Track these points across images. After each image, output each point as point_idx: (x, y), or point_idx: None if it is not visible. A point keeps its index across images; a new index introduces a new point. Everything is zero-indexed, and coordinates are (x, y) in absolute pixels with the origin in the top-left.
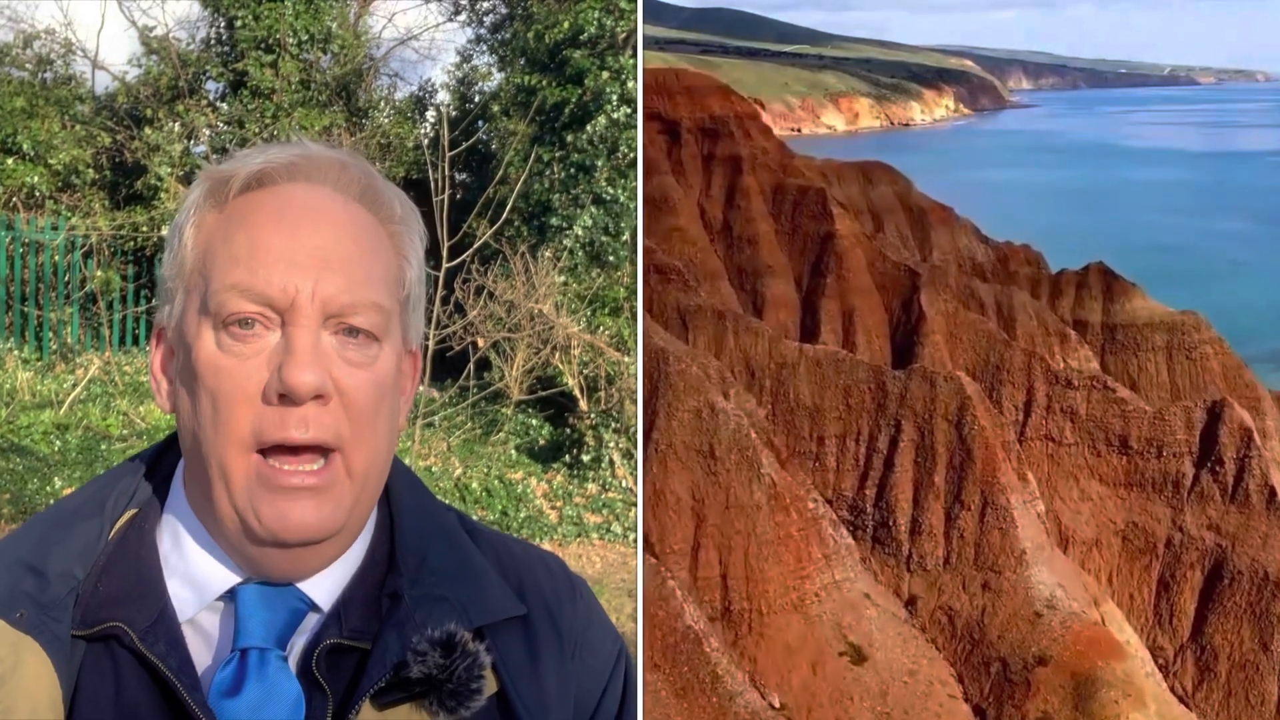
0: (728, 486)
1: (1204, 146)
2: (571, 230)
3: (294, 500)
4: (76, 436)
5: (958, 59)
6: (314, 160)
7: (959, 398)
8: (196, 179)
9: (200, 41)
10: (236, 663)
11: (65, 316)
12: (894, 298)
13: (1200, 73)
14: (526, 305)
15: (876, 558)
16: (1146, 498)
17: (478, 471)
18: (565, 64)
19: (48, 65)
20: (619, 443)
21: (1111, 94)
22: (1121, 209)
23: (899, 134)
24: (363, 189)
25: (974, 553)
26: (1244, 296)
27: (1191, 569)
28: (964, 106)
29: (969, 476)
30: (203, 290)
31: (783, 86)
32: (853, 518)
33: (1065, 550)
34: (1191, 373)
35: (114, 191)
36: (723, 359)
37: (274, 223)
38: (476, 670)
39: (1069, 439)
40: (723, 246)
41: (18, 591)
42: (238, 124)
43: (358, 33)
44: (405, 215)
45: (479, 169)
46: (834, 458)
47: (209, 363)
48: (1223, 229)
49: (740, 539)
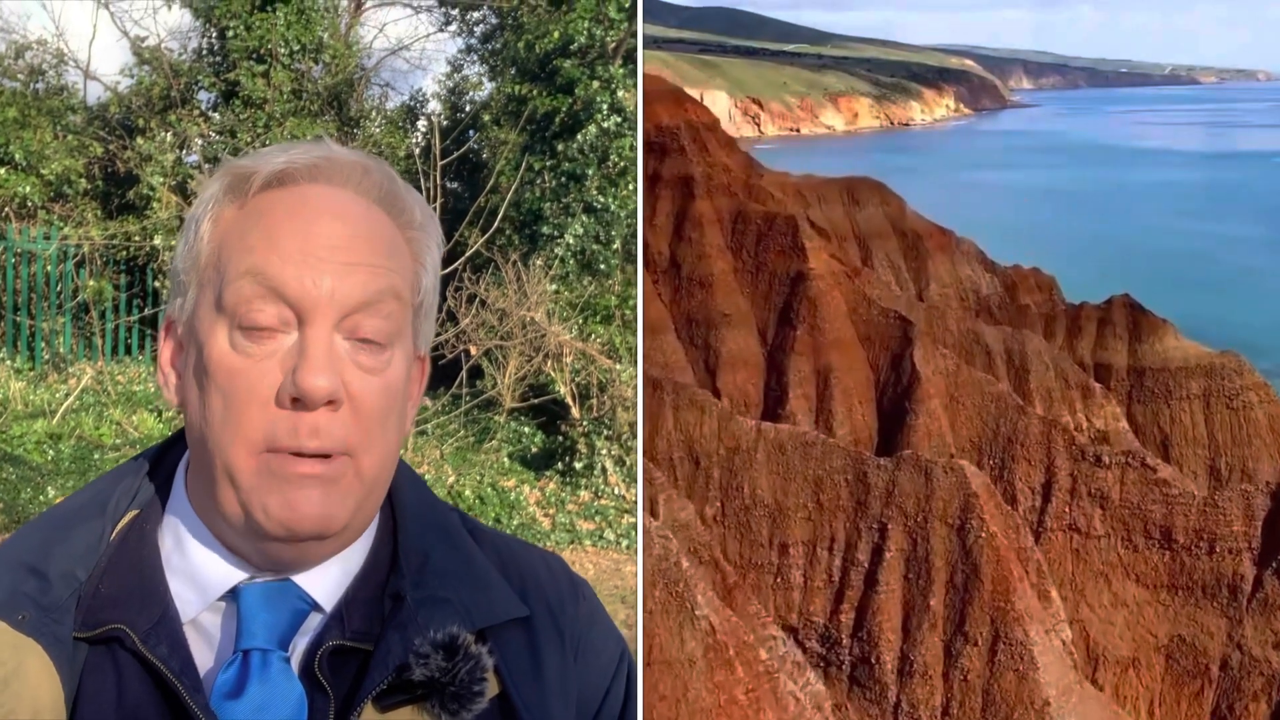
0: (650, 635)
1: (1210, 147)
2: (563, 239)
3: (301, 489)
4: (69, 446)
5: (959, 58)
6: (336, 162)
7: (962, 494)
8: (216, 171)
9: (192, 52)
10: (239, 664)
11: (58, 326)
12: (881, 352)
13: (1201, 72)
14: (518, 313)
15: (854, 704)
16: (1196, 605)
17: (471, 479)
18: (556, 73)
19: (40, 75)
20: (611, 450)
21: (1113, 93)
22: (1127, 213)
23: (899, 134)
24: (383, 193)
25: (981, 701)
26: (1255, 306)
27: (1255, 699)
28: (965, 106)
29: (975, 600)
30: (217, 285)
31: (781, 86)
32: (824, 650)
33: (1094, 673)
34: (1233, 425)
35: (106, 201)
36: (657, 444)
37: (292, 221)
38: (479, 672)
39: (1098, 530)
40: (668, 289)
41: (19, 593)
42: (230, 134)
43: (349, 43)
44: (424, 221)
45: (470, 178)
46: (800, 572)
47: (221, 362)
48: (1232, 234)
49: (666, 708)
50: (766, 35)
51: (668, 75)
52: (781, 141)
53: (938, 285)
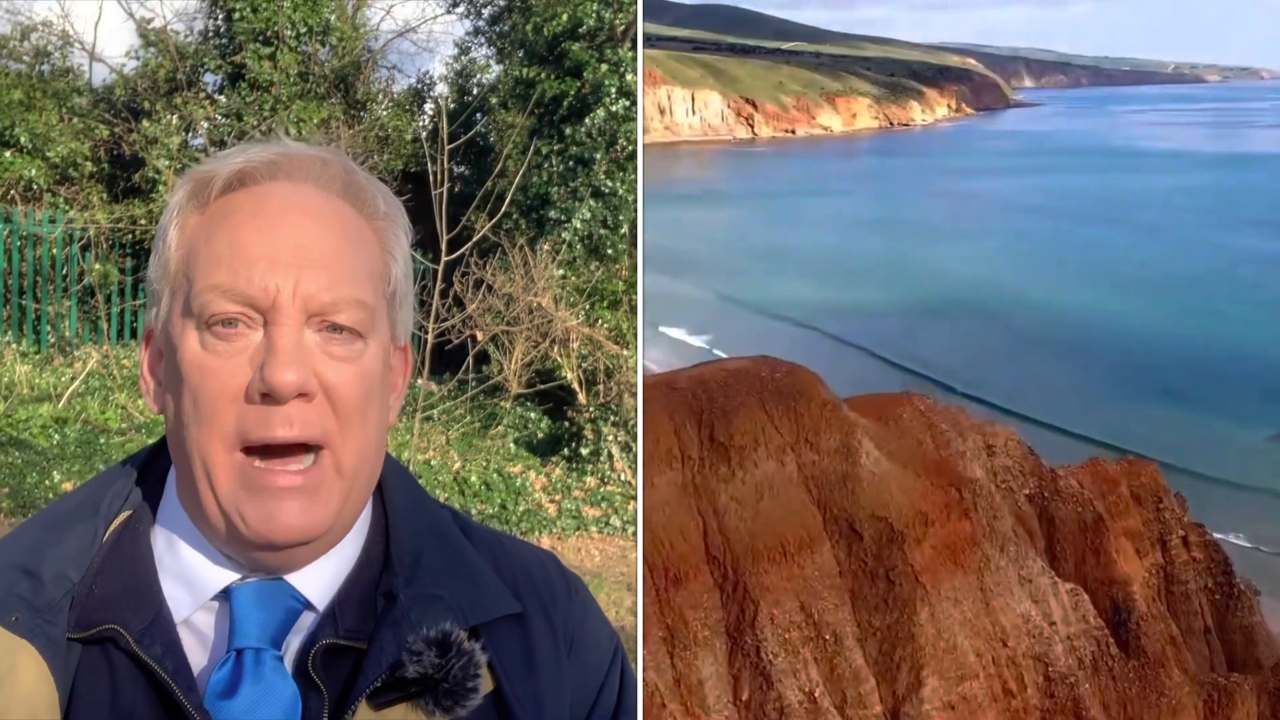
0: None
1: (1217, 148)
2: (570, 223)
3: (280, 501)
4: (75, 430)
5: (960, 57)
6: (294, 158)
7: None
8: (181, 180)
9: (198, 34)
10: (232, 663)
11: (63, 310)
12: None
13: (1205, 70)
14: (525, 298)
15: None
16: None
17: (476, 465)
18: (564, 57)
19: (45, 58)
20: (618, 436)
21: (1116, 93)
22: (1132, 219)
23: (899, 135)
24: (345, 185)
25: None
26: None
27: None
28: (966, 106)
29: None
30: (186, 292)
31: (777, 85)
32: None
33: None
34: None
35: (112, 184)
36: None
37: (254, 221)
38: (472, 669)
39: None
40: None
41: (13, 595)
42: (236, 116)
43: (356, 25)
44: (389, 210)
45: (477, 162)
46: None
47: (193, 362)
48: (1244, 247)
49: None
50: (764, 33)
51: (660, 75)
52: (776, 144)
53: None
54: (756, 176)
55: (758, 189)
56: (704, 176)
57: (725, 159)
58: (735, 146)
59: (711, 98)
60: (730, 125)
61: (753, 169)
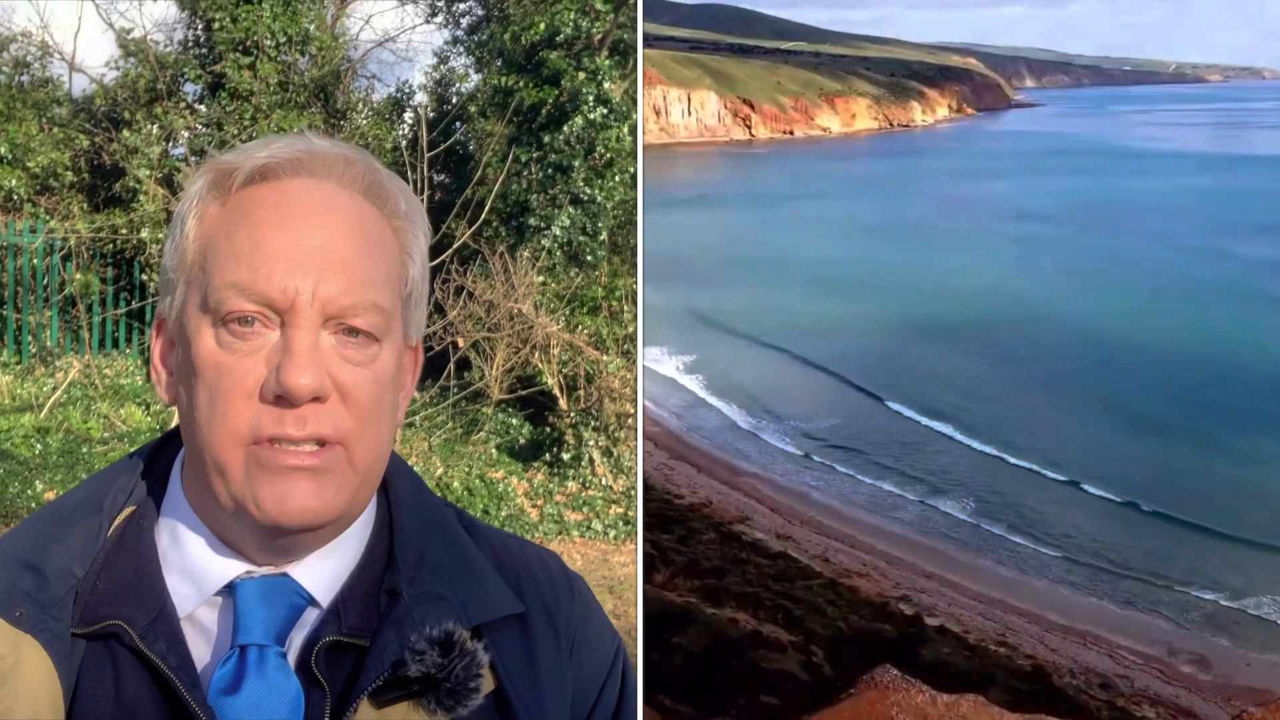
0: None
1: (1222, 149)
2: (550, 230)
3: (293, 481)
4: (57, 440)
5: (961, 56)
6: (318, 155)
7: None
8: (200, 167)
9: (178, 43)
10: (236, 660)
11: (44, 320)
12: None
13: (1207, 70)
14: (506, 305)
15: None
16: None
17: (459, 471)
18: (542, 65)
19: (25, 68)
20: (598, 440)
21: (1118, 92)
22: (1138, 226)
23: (899, 135)
24: (367, 184)
25: None
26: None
27: None
28: (967, 106)
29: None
30: (203, 285)
31: (775, 86)
32: None
33: None
34: None
35: (93, 194)
36: None
37: (276, 219)
38: (474, 669)
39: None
40: None
41: (17, 590)
42: (216, 126)
43: (335, 35)
44: (410, 210)
45: (457, 170)
46: None
47: (208, 359)
48: (1253, 255)
49: None
50: (763, 33)
51: (656, 75)
52: (774, 145)
53: None
54: (752, 179)
55: (754, 191)
56: (700, 179)
57: (722, 160)
58: (734, 148)
59: (708, 98)
60: (727, 126)
61: (750, 170)
